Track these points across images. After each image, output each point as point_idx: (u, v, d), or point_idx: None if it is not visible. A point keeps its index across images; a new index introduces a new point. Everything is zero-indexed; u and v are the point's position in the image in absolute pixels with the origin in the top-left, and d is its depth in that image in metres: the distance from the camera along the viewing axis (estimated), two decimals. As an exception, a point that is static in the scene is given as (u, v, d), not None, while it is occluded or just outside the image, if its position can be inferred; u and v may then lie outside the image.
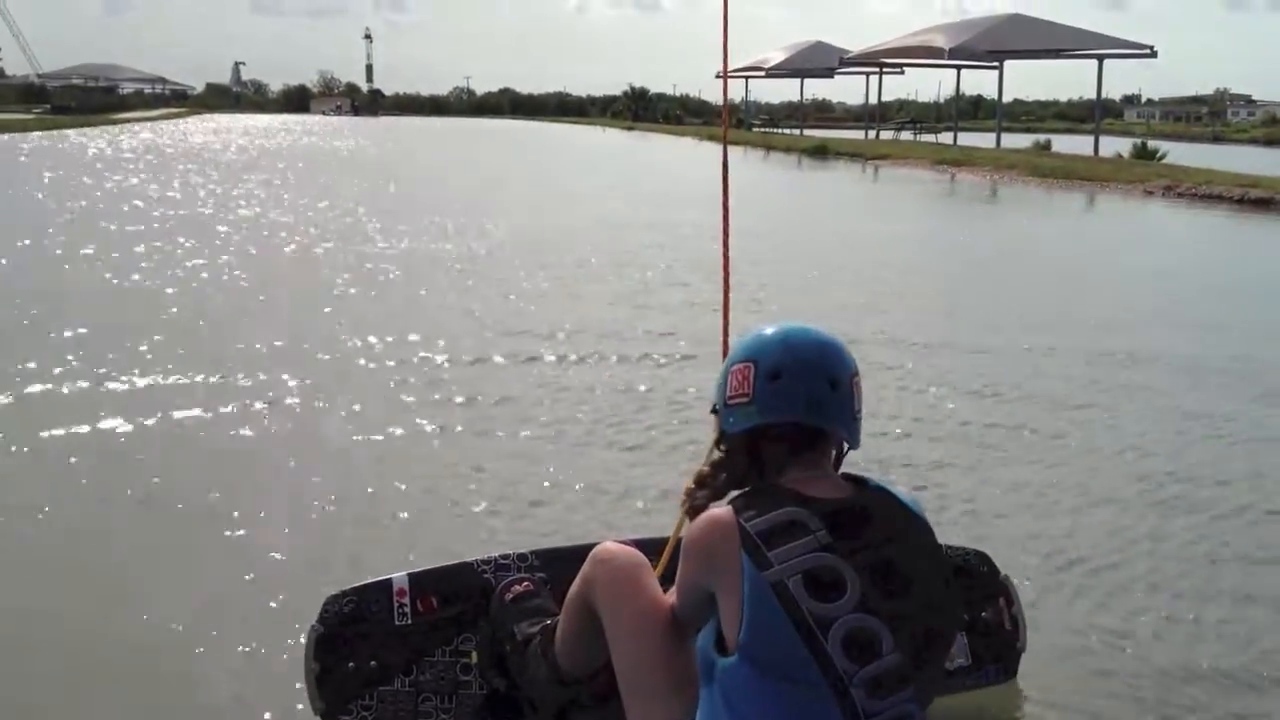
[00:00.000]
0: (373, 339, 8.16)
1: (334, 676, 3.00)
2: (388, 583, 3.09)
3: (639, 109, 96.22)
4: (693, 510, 2.48)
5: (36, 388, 6.66)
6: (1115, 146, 40.38)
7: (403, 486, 5.15)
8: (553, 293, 10.60)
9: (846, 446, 2.43)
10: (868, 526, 2.25)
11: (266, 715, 3.26)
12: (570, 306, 9.80)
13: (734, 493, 2.41)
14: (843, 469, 2.45)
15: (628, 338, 8.51)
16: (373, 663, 3.02)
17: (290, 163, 31.88)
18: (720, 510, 2.28)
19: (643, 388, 7.07)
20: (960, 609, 3.22)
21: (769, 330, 2.44)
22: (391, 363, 7.51)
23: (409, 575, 3.11)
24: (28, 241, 13.20)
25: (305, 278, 11.28)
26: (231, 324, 8.65)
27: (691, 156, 39.73)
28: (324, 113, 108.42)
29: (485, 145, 45.73)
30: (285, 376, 7.03)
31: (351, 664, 3.01)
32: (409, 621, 3.06)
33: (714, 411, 2.50)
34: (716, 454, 2.53)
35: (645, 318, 9.31)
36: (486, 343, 8.20)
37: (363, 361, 7.57)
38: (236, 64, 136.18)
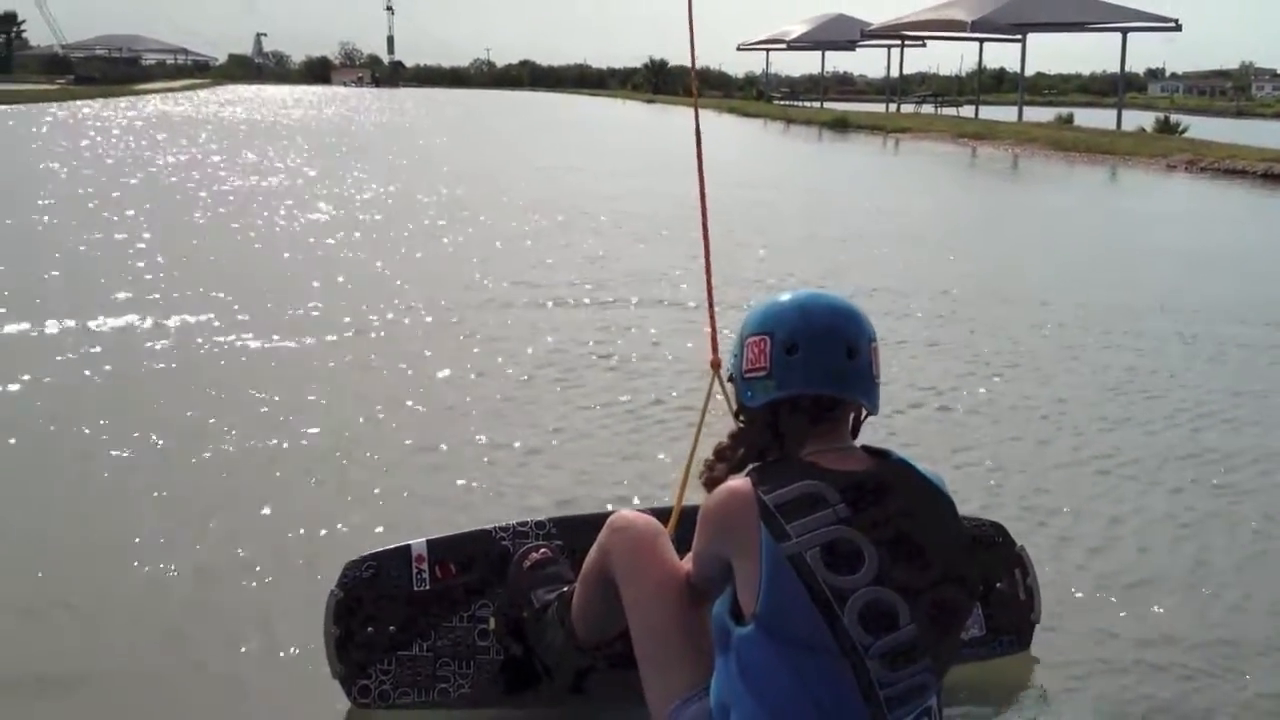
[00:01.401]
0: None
1: (353, 641, 3.03)
2: (406, 549, 3.11)
3: (659, 81, 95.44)
4: (710, 482, 2.47)
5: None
6: (1138, 121, 39.95)
7: (420, 450, 5.17)
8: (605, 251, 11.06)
9: (865, 412, 2.42)
10: (887, 500, 2.25)
11: (285, 680, 3.29)
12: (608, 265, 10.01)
13: (752, 465, 2.40)
14: (860, 440, 2.43)
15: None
16: (391, 628, 3.05)
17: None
18: (738, 481, 2.29)
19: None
20: (978, 584, 3.23)
21: (784, 298, 2.41)
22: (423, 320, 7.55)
23: (427, 541, 3.14)
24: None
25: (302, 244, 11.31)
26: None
27: (711, 129, 39.46)
28: (345, 84, 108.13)
29: (507, 125, 45.28)
30: (293, 331, 7.20)
31: (370, 629, 3.04)
32: (427, 587, 3.08)
33: (730, 379, 2.49)
34: (735, 426, 2.52)
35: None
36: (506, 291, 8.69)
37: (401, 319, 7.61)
38: (258, 35, 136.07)
